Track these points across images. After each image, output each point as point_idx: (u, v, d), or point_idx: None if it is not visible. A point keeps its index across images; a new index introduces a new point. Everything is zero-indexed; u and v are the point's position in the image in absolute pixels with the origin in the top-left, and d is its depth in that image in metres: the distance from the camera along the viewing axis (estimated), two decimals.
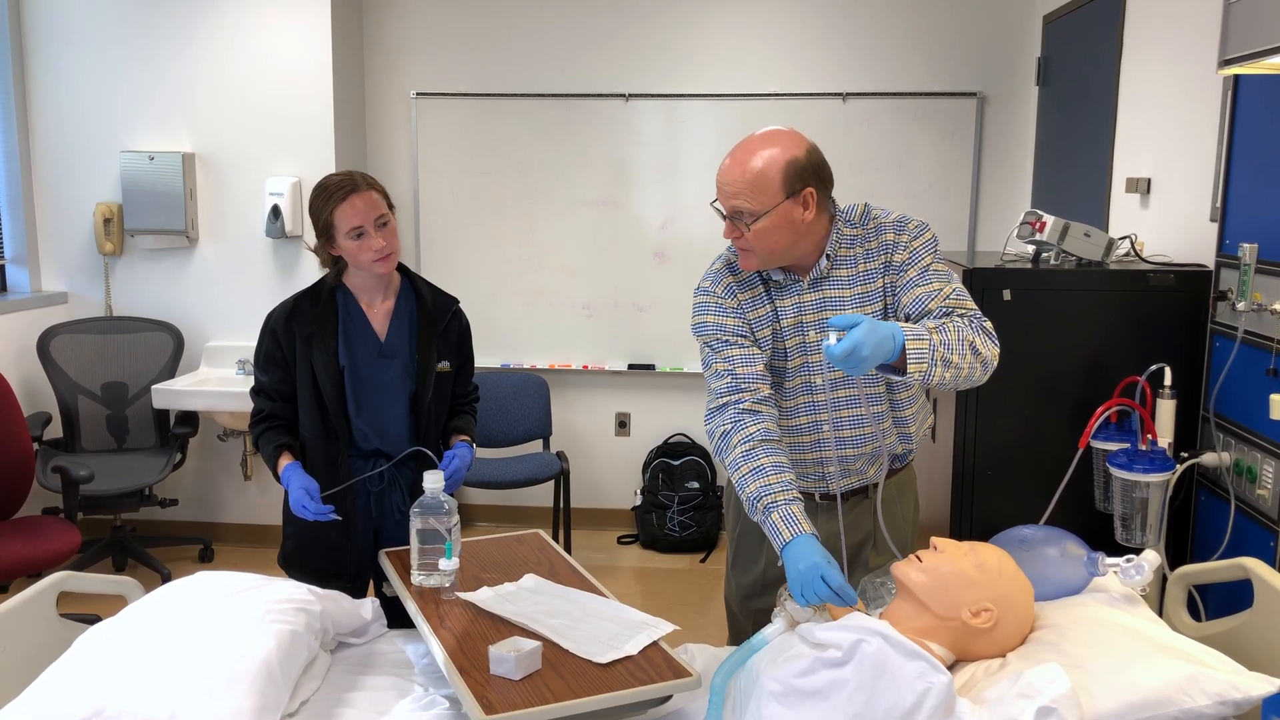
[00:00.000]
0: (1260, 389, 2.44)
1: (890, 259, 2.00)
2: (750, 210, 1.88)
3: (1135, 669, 1.57)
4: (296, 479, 2.28)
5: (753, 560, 2.23)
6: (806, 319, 2.02)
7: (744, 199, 1.88)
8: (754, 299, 2.04)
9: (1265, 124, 2.49)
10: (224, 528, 4.63)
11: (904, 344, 1.72)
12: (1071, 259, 2.86)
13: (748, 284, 2.05)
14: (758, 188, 1.87)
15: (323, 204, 2.29)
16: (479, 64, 4.61)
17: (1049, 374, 2.78)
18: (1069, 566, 1.84)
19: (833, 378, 2.02)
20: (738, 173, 1.88)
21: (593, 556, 4.51)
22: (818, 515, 2.10)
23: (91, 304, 4.53)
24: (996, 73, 4.45)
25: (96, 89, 4.39)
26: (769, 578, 2.20)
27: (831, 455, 2.07)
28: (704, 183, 4.54)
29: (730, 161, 1.91)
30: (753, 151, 1.89)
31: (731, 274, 2.04)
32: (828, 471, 2.09)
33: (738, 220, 1.90)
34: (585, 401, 4.78)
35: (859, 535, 2.16)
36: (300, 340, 2.34)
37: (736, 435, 1.93)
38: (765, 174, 1.87)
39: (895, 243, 2.00)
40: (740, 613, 2.30)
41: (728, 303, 2.03)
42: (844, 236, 2.01)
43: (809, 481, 2.12)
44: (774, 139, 1.91)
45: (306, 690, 1.92)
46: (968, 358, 1.81)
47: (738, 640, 2.30)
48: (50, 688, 1.70)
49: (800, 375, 2.04)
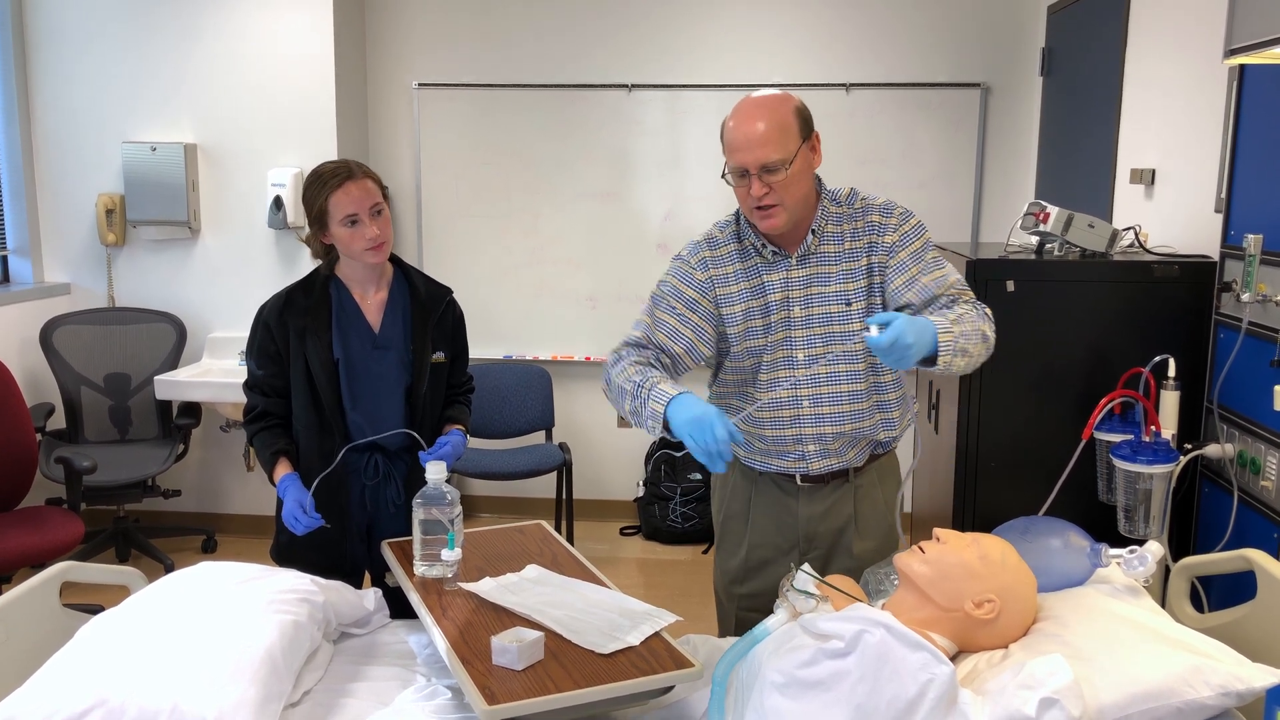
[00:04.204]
0: (1264, 380, 2.44)
1: (877, 240, 2.04)
2: (779, 159, 1.92)
3: (1138, 660, 1.57)
4: (292, 491, 2.28)
5: (736, 545, 2.25)
6: (794, 294, 2.06)
7: (773, 148, 1.92)
8: (739, 272, 2.08)
9: (1271, 114, 2.48)
10: (227, 518, 4.64)
11: (937, 336, 1.79)
12: (1075, 250, 2.85)
13: (735, 257, 2.08)
14: (784, 133, 1.93)
15: (317, 190, 2.28)
16: (481, 55, 4.60)
17: (1052, 365, 2.77)
18: (1072, 558, 1.83)
19: (813, 354, 2.06)
20: (762, 125, 1.92)
21: (595, 548, 4.52)
22: (799, 498, 2.14)
23: (94, 295, 4.53)
24: (1000, 63, 4.44)
25: (98, 80, 4.39)
26: (751, 561, 2.22)
27: (810, 433, 2.09)
28: (707, 174, 4.54)
29: (744, 119, 1.94)
30: (764, 105, 1.95)
31: (710, 248, 2.09)
32: (806, 450, 2.11)
33: (768, 175, 1.93)
34: (588, 393, 4.78)
35: (839, 520, 2.17)
36: (294, 333, 2.33)
37: (627, 360, 2.00)
38: (786, 120, 1.94)
39: (882, 225, 2.05)
40: (725, 598, 2.31)
41: (696, 274, 2.08)
42: (830, 214, 2.06)
43: (788, 461, 2.14)
44: (773, 94, 1.99)
45: (309, 680, 1.93)
46: (979, 346, 1.90)
47: (727, 627, 2.32)
48: (53, 678, 1.71)
49: (782, 349, 2.08)
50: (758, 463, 2.18)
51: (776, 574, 2.19)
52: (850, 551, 2.17)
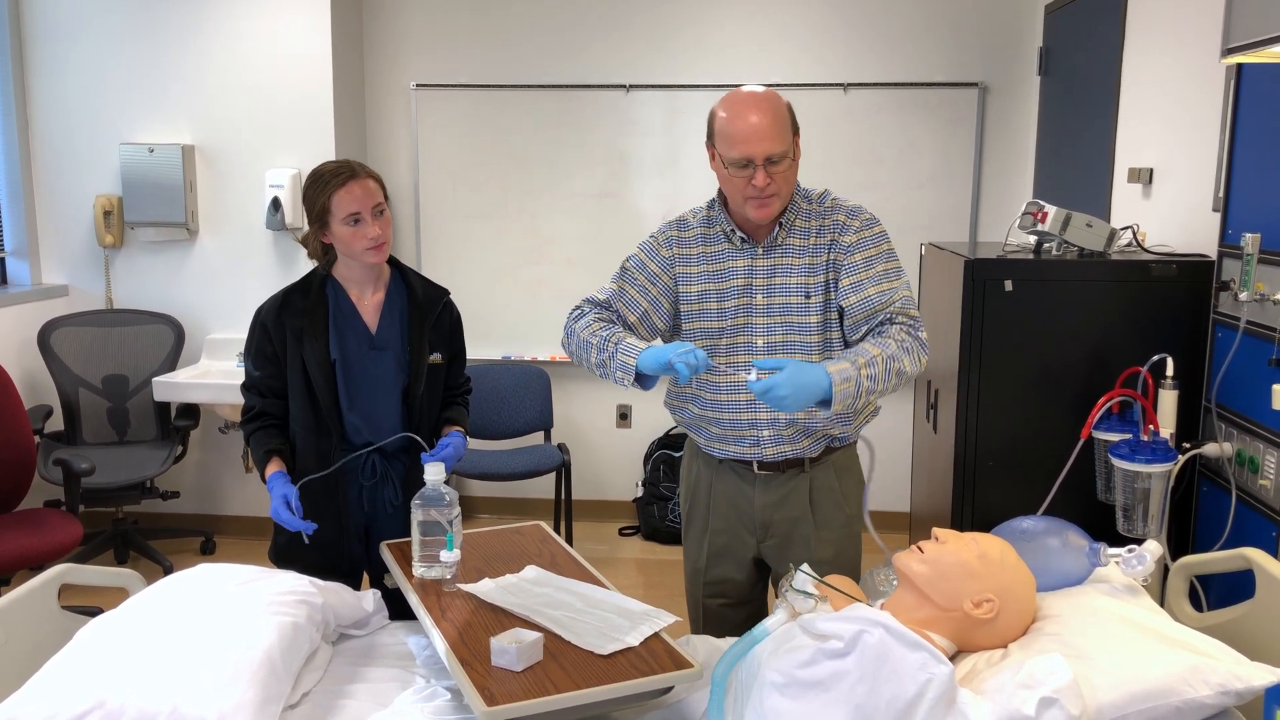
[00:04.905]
0: (1262, 379, 2.44)
1: (837, 238, 2.12)
2: (782, 151, 2.01)
3: (1137, 659, 1.57)
4: (279, 489, 2.28)
5: (700, 532, 2.32)
6: (756, 282, 2.14)
7: (778, 139, 2.01)
8: (702, 255, 2.17)
9: (1268, 113, 2.48)
10: (226, 520, 4.63)
11: (830, 388, 1.90)
12: (1073, 249, 2.85)
13: (700, 240, 2.18)
14: (783, 125, 2.03)
15: (320, 189, 2.28)
16: (479, 55, 4.60)
17: (1051, 365, 2.77)
18: (1071, 557, 1.83)
19: (772, 340, 2.14)
20: (767, 118, 2.01)
21: (594, 548, 4.52)
22: (755, 486, 2.21)
23: (92, 296, 4.53)
24: (998, 63, 4.44)
25: (96, 81, 4.38)
26: (713, 547, 2.30)
27: (765, 418, 2.15)
28: (705, 174, 4.51)
29: (746, 112, 2.02)
30: (764, 99, 2.04)
31: (679, 229, 2.21)
32: (761, 435, 2.16)
33: (772, 165, 2.01)
34: (586, 394, 4.78)
35: (795, 509, 2.21)
36: (291, 334, 2.33)
37: (589, 316, 2.16)
38: (783, 113, 2.04)
39: (845, 225, 2.12)
40: (692, 585, 2.38)
41: (660, 250, 2.20)
42: (800, 209, 2.15)
43: (743, 447, 2.19)
44: (764, 89, 2.07)
45: (308, 682, 1.92)
46: (890, 384, 1.99)
47: (696, 616, 2.38)
48: (52, 680, 1.70)
49: (743, 335, 2.15)
50: (716, 449, 2.23)
51: (737, 561, 2.28)
52: (807, 543, 2.21)
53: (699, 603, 2.36)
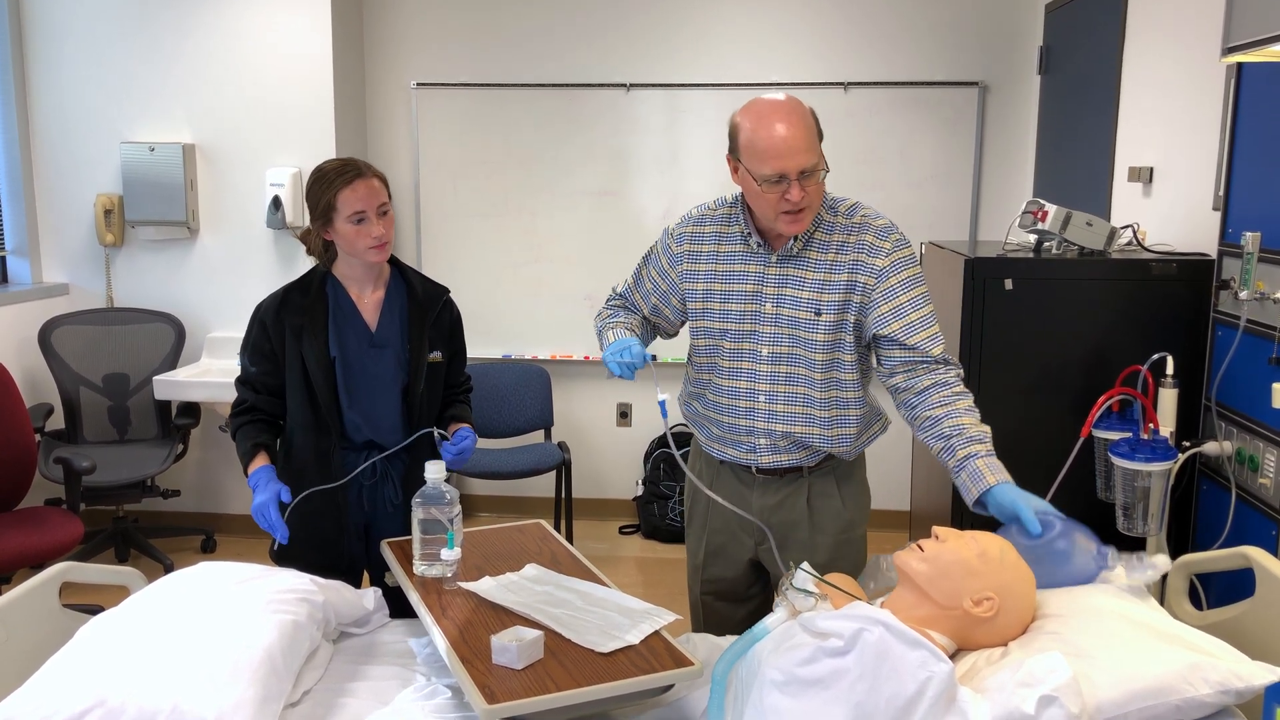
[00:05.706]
0: (1262, 378, 2.44)
1: (866, 260, 2.04)
2: (814, 164, 1.95)
3: (1137, 658, 1.57)
4: (266, 485, 2.25)
5: (700, 530, 2.33)
6: (767, 290, 2.10)
7: (812, 153, 1.95)
8: (714, 253, 2.14)
9: (1268, 112, 2.48)
10: (226, 518, 4.64)
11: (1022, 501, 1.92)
12: (1073, 248, 2.86)
13: (715, 239, 2.15)
14: (814, 137, 1.97)
15: (325, 186, 2.27)
16: (479, 54, 4.60)
17: (1051, 363, 2.77)
18: (1079, 560, 1.83)
19: (778, 351, 2.10)
20: (800, 130, 1.93)
21: (594, 546, 4.52)
22: (754, 488, 2.21)
23: (93, 295, 4.53)
24: (998, 62, 4.44)
25: (97, 80, 4.39)
26: (711, 546, 2.31)
27: (761, 427, 2.14)
28: (705, 173, 4.54)
29: (779, 124, 1.93)
30: (794, 110, 1.96)
31: (695, 225, 2.18)
32: (757, 443, 2.16)
33: (806, 179, 1.95)
34: (587, 392, 4.78)
35: (793, 514, 2.21)
36: (290, 332, 2.33)
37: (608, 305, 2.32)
38: (812, 124, 1.97)
39: (876, 247, 2.05)
40: (692, 582, 2.38)
41: (673, 246, 2.20)
42: (824, 221, 2.08)
43: (740, 452, 2.19)
44: (790, 98, 1.99)
45: (309, 680, 1.93)
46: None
47: (696, 613, 2.38)
48: (53, 678, 1.70)
49: (749, 341, 2.12)
50: (716, 450, 2.24)
51: (733, 561, 2.28)
52: (804, 548, 2.21)
53: (698, 599, 2.36)
